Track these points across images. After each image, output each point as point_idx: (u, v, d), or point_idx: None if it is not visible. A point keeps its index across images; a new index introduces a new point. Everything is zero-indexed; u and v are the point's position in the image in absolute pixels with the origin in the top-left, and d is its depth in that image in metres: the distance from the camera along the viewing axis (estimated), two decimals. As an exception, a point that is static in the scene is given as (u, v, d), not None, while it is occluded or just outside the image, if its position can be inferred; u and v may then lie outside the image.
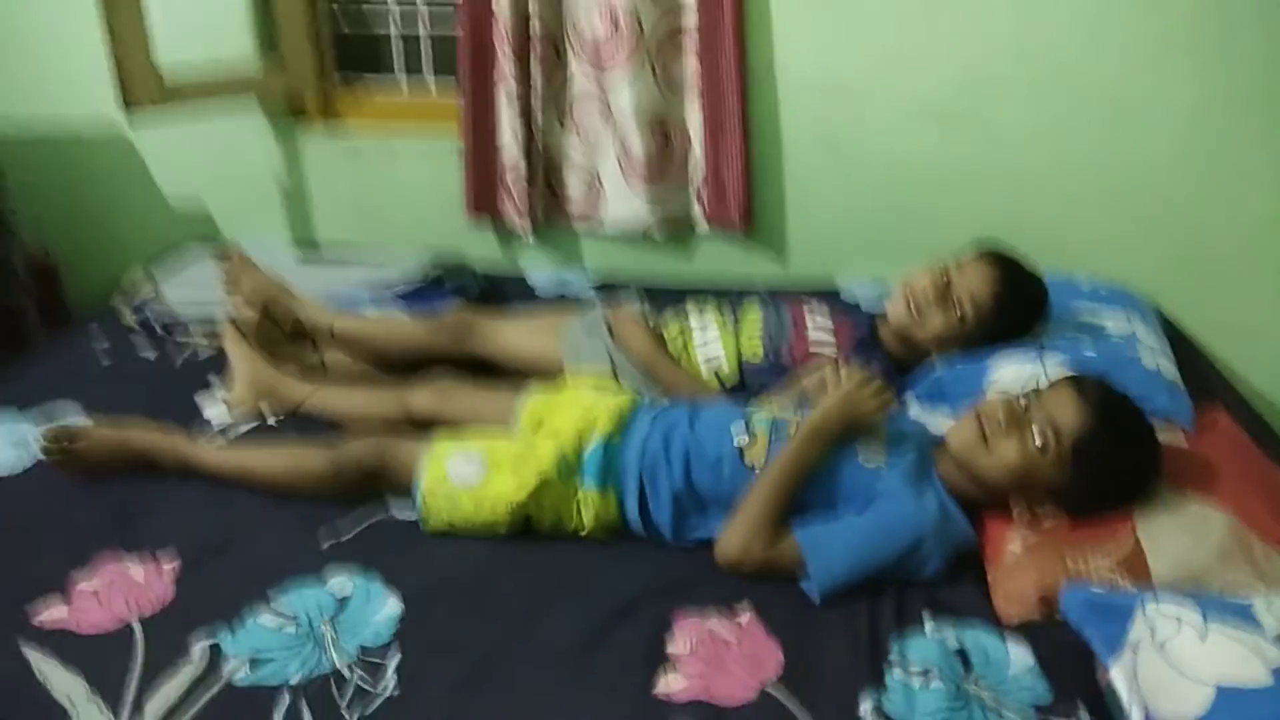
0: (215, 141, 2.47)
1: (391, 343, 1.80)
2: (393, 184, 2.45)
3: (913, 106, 2.13)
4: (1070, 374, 1.34)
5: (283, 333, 1.81)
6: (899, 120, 2.14)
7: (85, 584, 1.27)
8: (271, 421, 1.69)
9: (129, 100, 2.09)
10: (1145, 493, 1.27)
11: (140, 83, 2.10)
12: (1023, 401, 1.29)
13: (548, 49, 2.20)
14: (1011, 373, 1.54)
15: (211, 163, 2.51)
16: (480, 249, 2.41)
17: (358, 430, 1.55)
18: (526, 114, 2.24)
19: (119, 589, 1.26)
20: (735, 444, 1.36)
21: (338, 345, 1.82)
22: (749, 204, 2.22)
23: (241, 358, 1.75)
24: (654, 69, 2.17)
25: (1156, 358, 1.58)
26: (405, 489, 1.42)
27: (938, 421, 1.51)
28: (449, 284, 2.16)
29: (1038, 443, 1.24)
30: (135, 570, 1.30)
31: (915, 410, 1.60)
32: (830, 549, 1.24)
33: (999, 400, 1.32)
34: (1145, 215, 2.13)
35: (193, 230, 2.54)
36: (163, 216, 2.57)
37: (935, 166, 2.16)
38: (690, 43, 2.16)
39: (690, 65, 2.18)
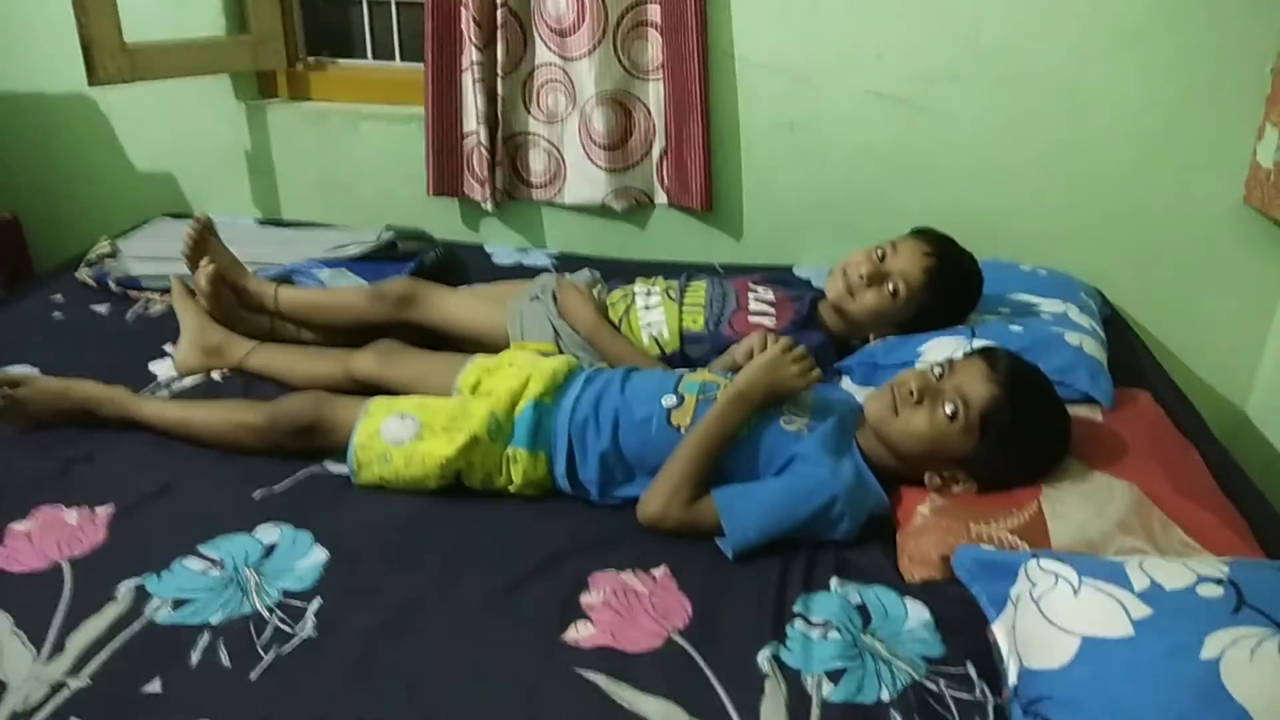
0: (185, 116, 2.50)
1: (336, 312, 1.82)
2: (358, 161, 2.48)
3: (870, 95, 2.16)
4: (981, 348, 1.38)
5: (236, 298, 1.82)
6: (856, 108, 2.18)
7: (18, 525, 1.30)
8: (216, 377, 1.72)
9: (96, 76, 2.11)
10: (1053, 465, 1.31)
11: (109, 58, 2.12)
12: (936, 372, 1.33)
13: (514, 32, 2.23)
14: (941, 352, 1.58)
15: (181, 137, 2.55)
16: (443, 225, 2.44)
17: (297, 385, 1.59)
18: (491, 95, 2.27)
19: (51, 531, 1.29)
20: (663, 405, 1.40)
21: (285, 317, 1.84)
22: (709, 184, 2.25)
23: (189, 314, 1.78)
24: (618, 52, 2.20)
25: (1082, 337, 1.61)
26: (340, 446, 1.45)
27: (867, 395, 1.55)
28: (404, 250, 2.18)
29: (947, 411, 1.28)
30: (69, 515, 1.33)
31: (848, 386, 1.64)
32: (745, 509, 1.28)
33: (912, 372, 1.36)
34: (1094, 205, 2.17)
35: (161, 202, 2.56)
36: (132, 187, 2.60)
37: (892, 154, 2.20)
38: (654, 26, 2.19)
39: (653, 48, 2.21)
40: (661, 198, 2.34)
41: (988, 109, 2.14)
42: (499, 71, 2.25)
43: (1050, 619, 0.96)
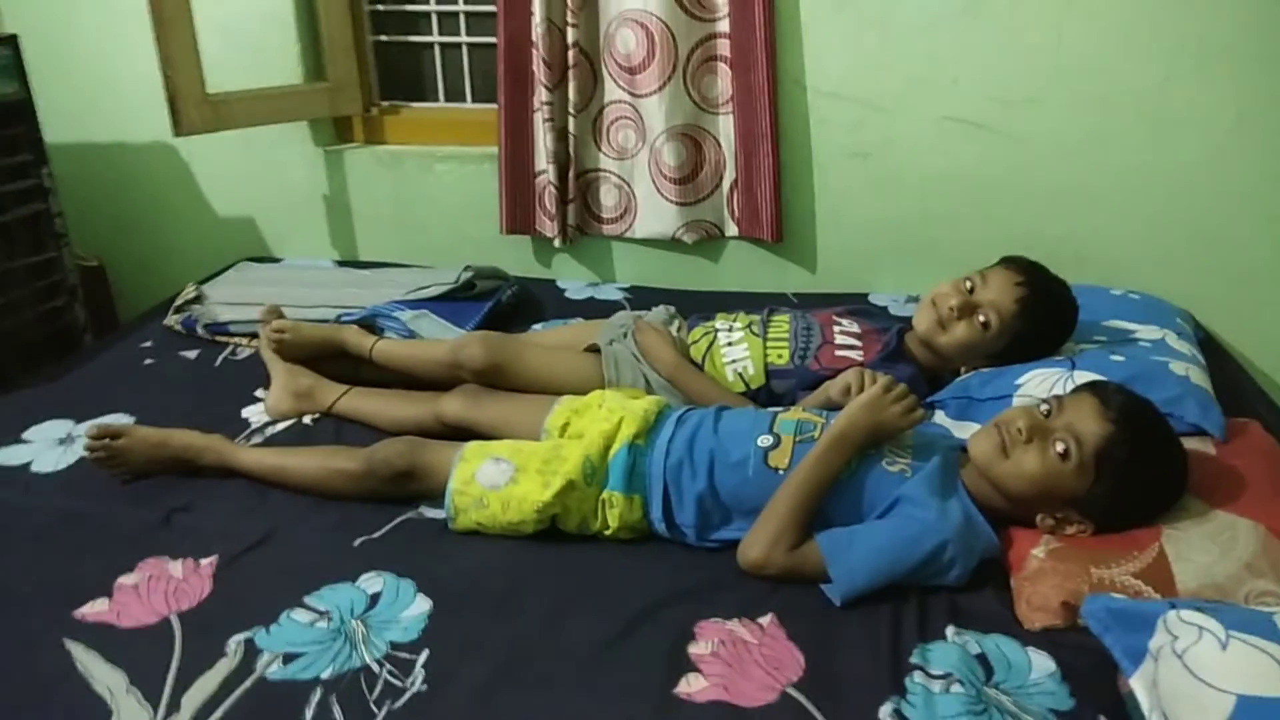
0: (264, 162, 2.56)
1: (420, 372, 1.81)
2: (432, 201, 2.51)
3: (945, 121, 2.13)
4: (1089, 382, 1.34)
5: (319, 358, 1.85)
6: (931, 134, 2.15)
7: (126, 579, 1.32)
8: (307, 421, 1.74)
9: (181, 127, 2.16)
10: (1171, 504, 1.26)
11: (192, 108, 2.17)
12: (1044, 409, 1.29)
13: (584, 70, 2.24)
14: (1039, 383, 1.54)
15: (260, 182, 2.60)
16: (516, 261, 2.46)
17: (385, 428, 1.60)
18: (562, 133, 2.28)
19: (159, 584, 1.30)
20: (759, 446, 1.38)
21: (375, 367, 1.85)
22: (780, 214, 2.24)
23: (278, 361, 1.81)
24: (688, 86, 2.21)
25: (1187, 366, 1.56)
26: (435, 491, 1.45)
27: (965, 433, 1.51)
28: (482, 289, 2.20)
29: (1059, 450, 1.24)
30: (174, 566, 1.34)
31: (943, 421, 1.61)
32: (852, 554, 1.25)
33: (1019, 409, 1.32)
34: (1182, 226, 2.11)
35: (242, 246, 2.62)
36: (214, 233, 2.66)
37: (968, 179, 2.17)
38: (723, 60, 2.19)
39: (723, 82, 2.21)
40: (732, 229, 2.33)
41: (1068, 131, 2.09)
42: (570, 110, 2.26)
43: (1199, 675, 0.91)
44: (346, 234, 2.59)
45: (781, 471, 1.34)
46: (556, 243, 2.38)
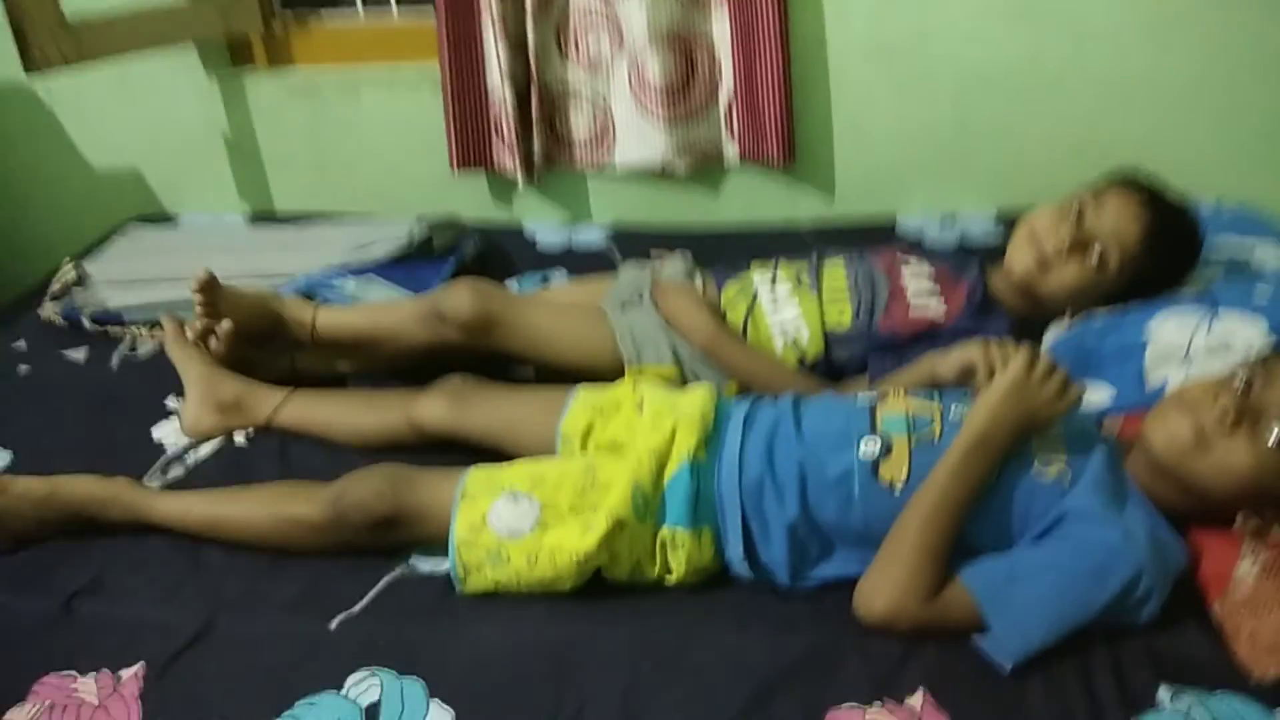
0: (147, 100, 2.08)
1: (389, 340, 1.43)
2: (361, 136, 2.07)
3: (986, 4, 1.77)
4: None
5: (251, 339, 1.43)
6: (967, 21, 1.79)
7: (15, 714, 0.94)
8: (240, 439, 1.35)
9: (33, 63, 1.69)
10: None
11: (46, 38, 1.70)
12: (1242, 383, 0.98)
13: (540, -42, 1.82)
14: (1174, 329, 1.24)
15: (144, 126, 2.12)
16: (469, 203, 2.05)
17: (345, 443, 1.25)
18: (519, 42, 1.86)
19: (65, 718, 0.93)
20: (863, 456, 1.04)
21: (320, 347, 1.45)
22: (790, 132, 1.86)
23: (192, 363, 1.40)
24: (670, -23, 1.80)
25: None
26: (430, 537, 1.09)
27: (1090, 394, 1.21)
28: (439, 247, 1.80)
29: (1274, 440, 0.94)
30: (85, 686, 0.96)
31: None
32: (1017, 599, 0.93)
33: (1207, 384, 1.01)
34: (1254, 116, 1.81)
35: (128, 205, 2.14)
36: (90, 191, 2.19)
37: (1012, 75, 1.82)
38: (714, -60, 1.79)
39: (715, -32, 1.81)
40: (733, 153, 1.96)
41: (1125, 13, 1.76)
42: (528, 13, 1.83)
43: None
44: (256, 181, 2.14)
45: (899, 489, 1.01)
46: (519, 180, 1.97)
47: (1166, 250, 1.29)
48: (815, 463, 1.05)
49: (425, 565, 1.11)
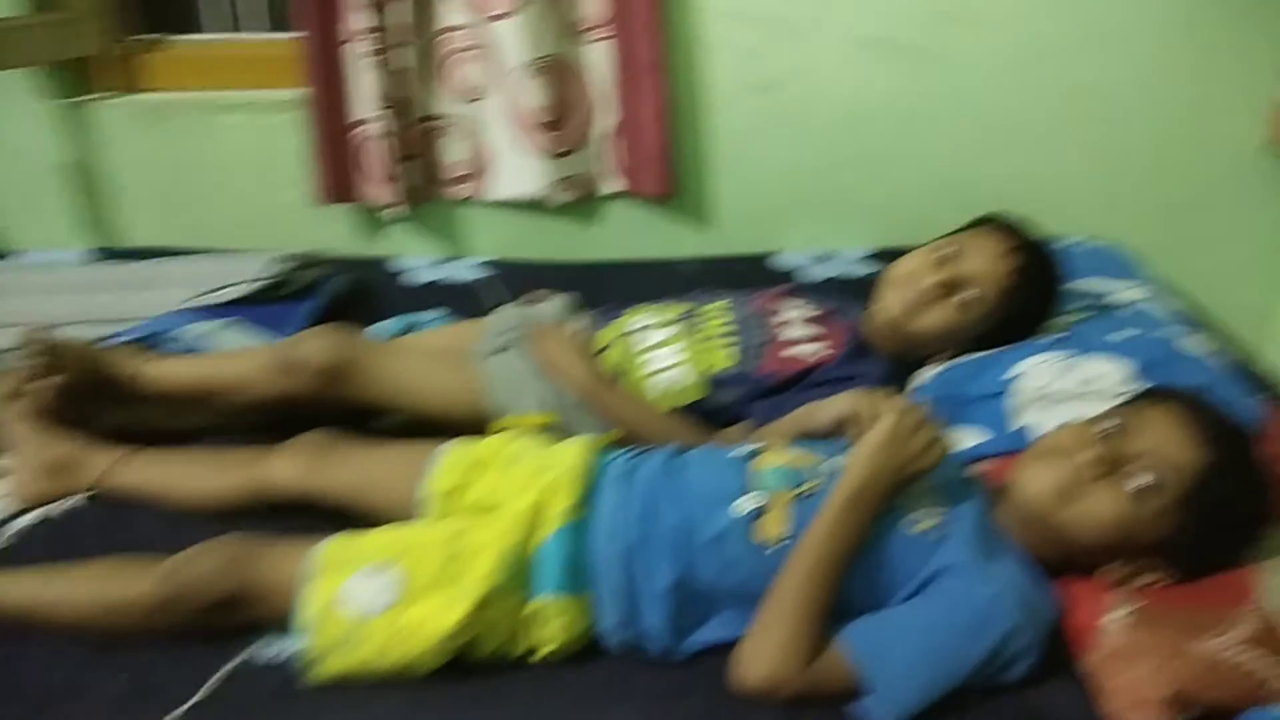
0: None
1: (231, 394, 1.31)
2: (218, 165, 1.94)
3: (861, 42, 1.79)
4: (1152, 388, 1.05)
5: (84, 394, 1.30)
6: (846, 58, 1.80)
7: None
8: (69, 505, 1.22)
9: None
10: (1260, 535, 1.00)
11: None
12: (1106, 429, 0.99)
13: (409, -13, 1.74)
14: (1038, 372, 1.25)
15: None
16: (336, 238, 1.95)
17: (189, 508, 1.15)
18: (389, 70, 1.77)
19: None
20: (741, 512, 1.01)
21: (154, 400, 1.33)
22: (670, 165, 1.84)
23: (17, 421, 1.26)
24: (547, 6, 1.75)
25: (1194, 338, 1.32)
26: (279, 619, 1.00)
27: (960, 440, 1.21)
28: (298, 287, 1.69)
29: (1141, 486, 0.95)
30: None
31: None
32: (895, 663, 0.91)
33: (1074, 430, 1.01)
34: (1115, 155, 1.87)
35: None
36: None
37: (889, 110, 1.84)
38: (591, -29, 1.75)
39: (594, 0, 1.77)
40: (613, 185, 1.92)
41: (996, 48, 1.79)
42: (397, 39, 1.75)
43: None
44: (103, 215, 1.98)
45: (778, 546, 0.98)
46: (390, 213, 1.89)
47: (1032, 293, 1.31)
48: (693, 521, 1.01)
49: (270, 651, 1.01)
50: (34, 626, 1.03)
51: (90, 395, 1.30)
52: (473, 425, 1.24)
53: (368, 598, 0.96)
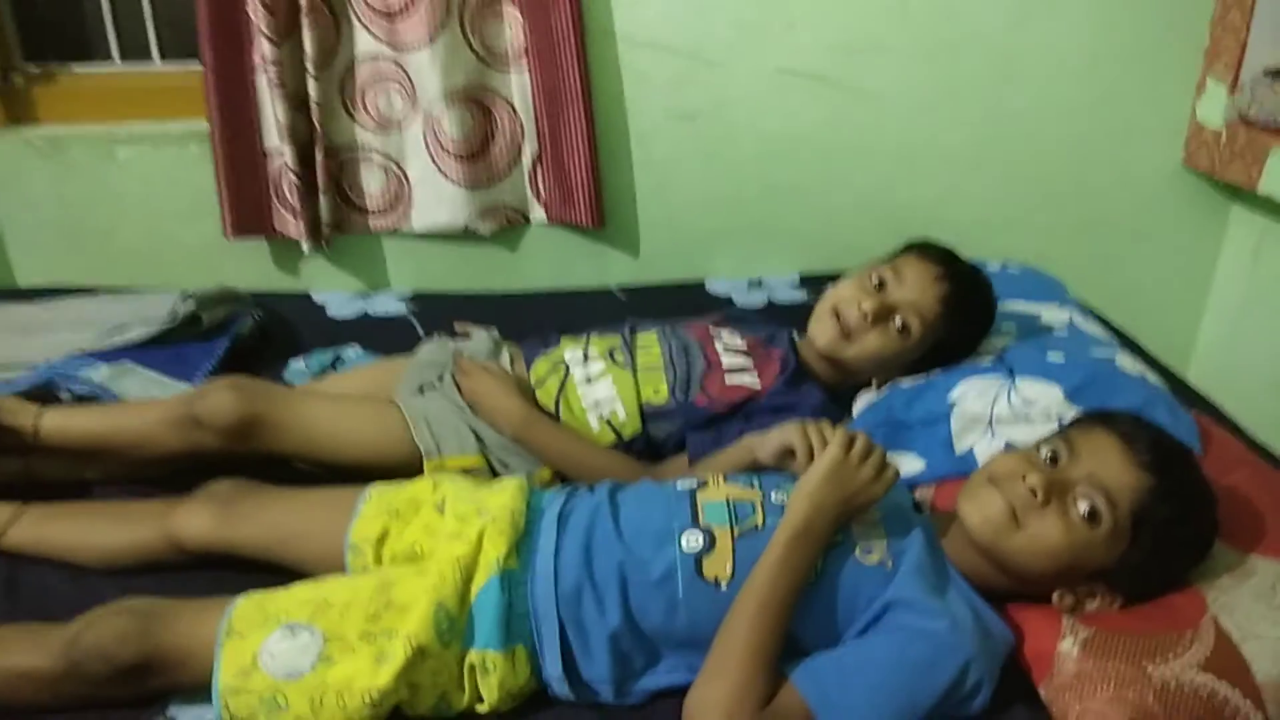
0: None
1: (132, 450, 1.22)
2: (119, 200, 1.85)
3: (781, 73, 1.80)
4: (1091, 412, 1.05)
5: None
6: (766, 90, 1.82)
7: None
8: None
9: None
10: (1206, 555, 1.00)
11: None
12: (1047, 454, 0.99)
13: (322, 15, 1.68)
14: (975, 397, 1.25)
15: None
16: (249, 272, 1.87)
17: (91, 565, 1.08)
18: (298, 100, 1.71)
19: None
20: (686, 550, 0.97)
21: (51, 455, 1.24)
22: (597, 194, 1.81)
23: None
24: (468, 34, 1.72)
25: (1130, 359, 1.34)
26: (192, 685, 0.92)
27: (901, 465, 1.20)
28: (210, 323, 1.60)
29: (1084, 512, 0.94)
30: None
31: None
32: (850, 704, 0.88)
33: (1016, 457, 1.00)
34: (1033, 180, 1.94)
35: None
36: None
37: (811, 141, 1.86)
38: (511, 2, 1.71)
39: (514, 29, 1.73)
40: (539, 214, 1.88)
41: (916, 82, 1.84)
42: (308, 68, 1.69)
43: None
44: (-8, 253, 1.87)
45: (725, 585, 0.95)
46: (305, 246, 1.81)
47: (965, 317, 1.31)
48: (636, 562, 0.97)
49: (185, 718, 0.93)
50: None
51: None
52: (399, 472, 1.18)
53: (288, 659, 0.89)
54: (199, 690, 0.92)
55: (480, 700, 0.94)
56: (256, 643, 0.91)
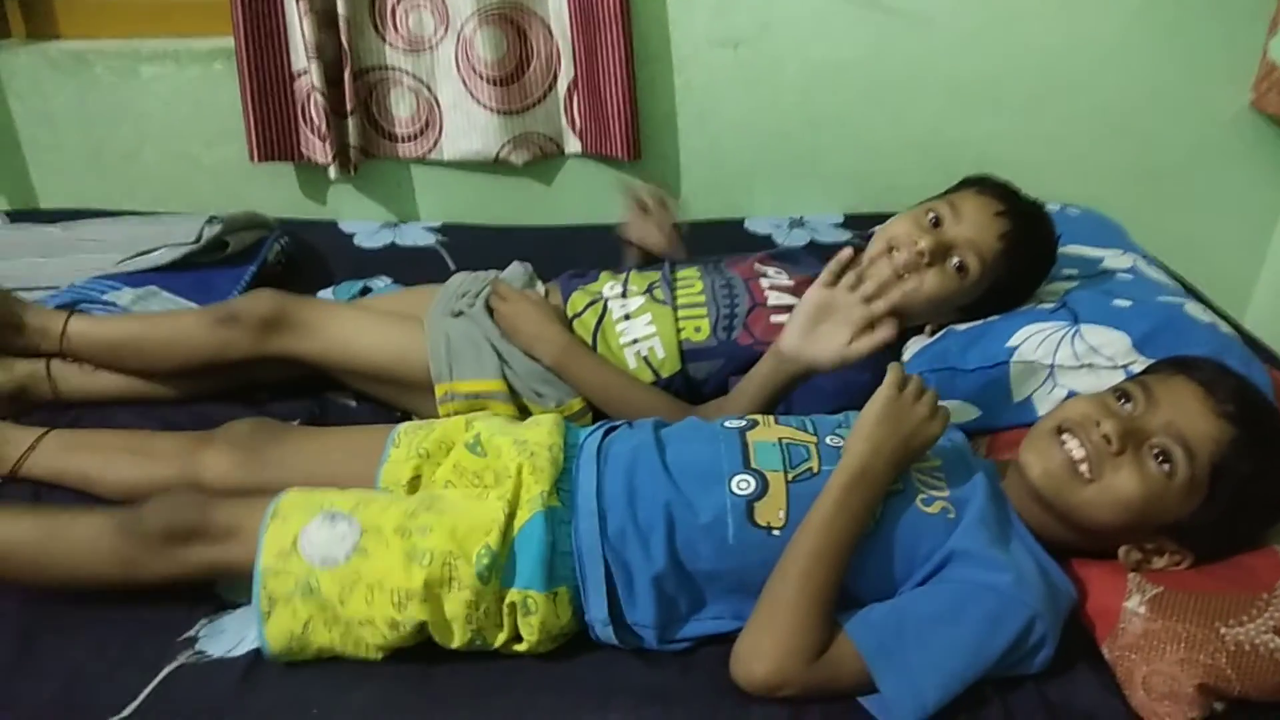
0: None
1: (160, 351, 1.23)
2: (143, 120, 1.79)
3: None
4: (1170, 358, 0.99)
5: None
6: (814, 17, 1.72)
7: None
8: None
9: None
10: (1282, 513, 0.95)
11: None
12: (1125, 406, 0.93)
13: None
14: (1037, 343, 1.19)
15: None
16: (276, 198, 1.81)
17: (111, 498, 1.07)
18: (327, 17, 1.64)
19: None
20: (736, 493, 0.93)
21: (77, 362, 1.22)
22: (635, 124, 1.73)
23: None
24: (500, -52, 1.63)
25: (1200, 307, 1.27)
26: (233, 567, 0.92)
27: (959, 414, 1.15)
28: (236, 248, 1.56)
29: (1159, 462, 0.89)
30: None
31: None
32: (909, 659, 0.84)
33: (1088, 403, 0.95)
34: (1091, 118, 1.83)
35: None
36: None
37: (860, 71, 1.76)
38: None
39: (550, -58, 1.65)
40: (574, 145, 1.81)
41: (971, 9, 1.73)
42: (337, -16, 1.62)
43: None
44: (15, 173, 1.82)
45: (778, 531, 0.91)
46: (333, 172, 1.76)
47: (1025, 257, 1.24)
48: (683, 504, 0.93)
49: (215, 649, 0.91)
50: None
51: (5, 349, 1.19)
52: (416, 385, 1.18)
53: (325, 545, 0.89)
54: (238, 574, 0.92)
55: (519, 640, 0.91)
56: (298, 527, 0.90)
